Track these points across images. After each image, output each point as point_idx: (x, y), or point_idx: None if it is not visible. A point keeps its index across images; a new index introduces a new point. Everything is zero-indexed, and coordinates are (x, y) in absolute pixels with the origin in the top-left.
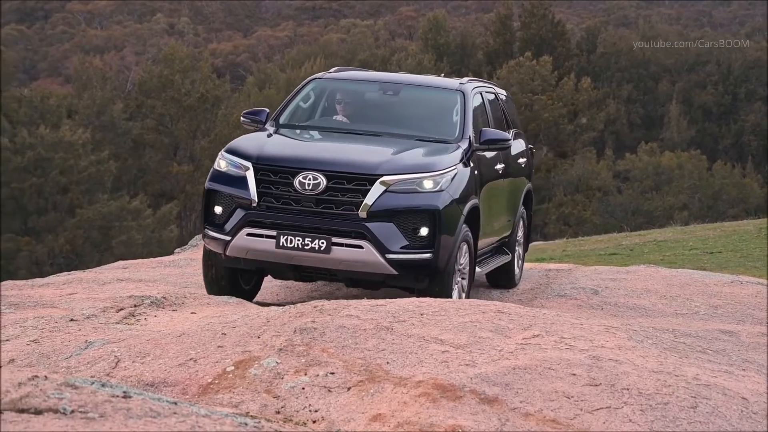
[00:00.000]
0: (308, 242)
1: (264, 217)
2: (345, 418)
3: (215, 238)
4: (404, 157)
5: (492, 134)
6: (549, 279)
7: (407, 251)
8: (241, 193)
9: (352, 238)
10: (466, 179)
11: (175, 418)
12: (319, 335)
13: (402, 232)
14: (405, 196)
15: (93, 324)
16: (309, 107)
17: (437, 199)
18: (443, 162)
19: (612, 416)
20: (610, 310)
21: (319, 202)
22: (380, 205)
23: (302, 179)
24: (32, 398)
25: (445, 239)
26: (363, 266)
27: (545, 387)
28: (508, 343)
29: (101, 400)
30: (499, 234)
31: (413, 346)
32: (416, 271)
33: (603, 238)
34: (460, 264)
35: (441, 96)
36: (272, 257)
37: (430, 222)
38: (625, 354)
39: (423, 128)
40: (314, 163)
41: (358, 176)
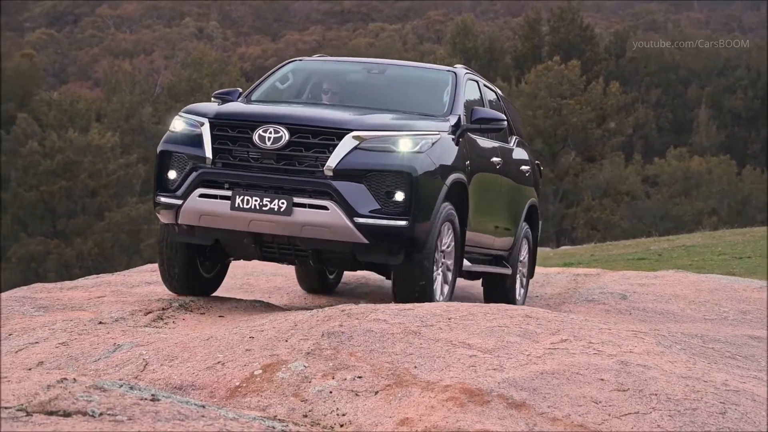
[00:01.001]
0: (267, 203)
1: (219, 176)
2: (372, 422)
3: (166, 205)
4: (379, 116)
5: (485, 113)
6: (577, 283)
7: (379, 216)
8: (195, 152)
9: (316, 197)
10: (451, 150)
11: (203, 421)
12: (346, 339)
13: (373, 195)
14: (378, 155)
15: (121, 327)
16: (286, 89)
17: (415, 161)
18: (424, 125)
19: (640, 421)
20: (638, 315)
21: (280, 159)
22: (349, 163)
23: (262, 133)
24: (61, 401)
25: (424, 208)
26: (329, 232)
27: (573, 392)
28: (536, 347)
29: (129, 403)
30: (495, 238)
31: (441, 351)
32: (390, 241)
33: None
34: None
35: (431, 76)
36: (227, 222)
37: (406, 185)
38: (653, 359)
39: (409, 106)
40: (276, 117)
41: (325, 130)
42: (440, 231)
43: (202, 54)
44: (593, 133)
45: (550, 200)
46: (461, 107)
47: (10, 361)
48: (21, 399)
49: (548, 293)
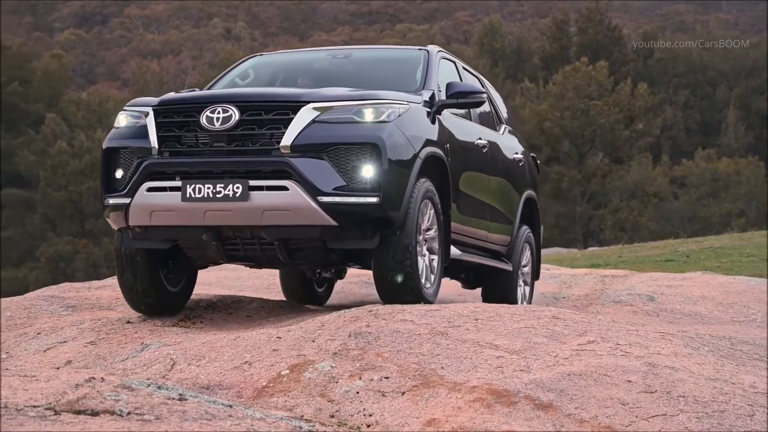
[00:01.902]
0: (221, 189)
1: (167, 165)
2: (399, 423)
3: (115, 206)
4: (338, 88)
5: (461, 86)
6: (604, 285)
7: (345, 193)
8: (140, 144)
9: (273, 178)
10: (424, 123)
11: (231, 421)
12: (373, 339)
13: (338, 171)
14: (339, 127)
15: (149, 326)
16: (247, 85)
17: (382, 131)
18: (390, 94)
19: (668, 423)
20: (666, 316)
21: (231, 140)
22: (307, 138)
23: (210, 114)
24: (89, 400)
25: (396, 182)
26: (291, 215)
27: (600, 393)
28: (563, 348)
29: (157, 402)
30: (489, 232)
31: (468, 351)
32: (361, 221)
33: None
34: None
35: (400, 56)
36: (181, 216)
37: (373, 158)
38: (681, 361)
39: (379, 85)
40: (224, 97)
41: (278, 104)
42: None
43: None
44: (621, 135)
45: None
46: (434, 83)
47: (38, 360)
48: (49, 398)
49: (575, 294)
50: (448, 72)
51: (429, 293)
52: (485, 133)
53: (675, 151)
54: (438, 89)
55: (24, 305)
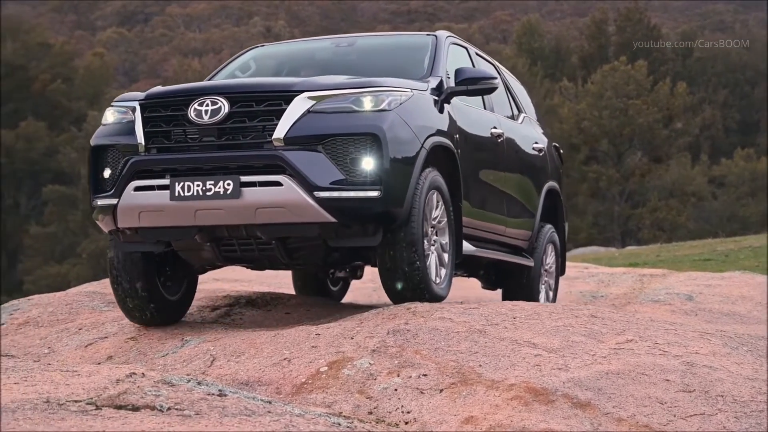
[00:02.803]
0: (211, 186)
1: (154, 163)
2: (437, 420)
3: (103, 208)
4: (335, 76)
5: (471, 72)
6: (643, 284)
7: (343, 187)
8: (127, 140)
9: (266, 173)
10: (429, 111)
11: (270, 417)
12: (412, 337)
13: (335, 164)
14: (336, 117)
15: (189, 323)
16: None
17: (382, 120)
18: (391, 81)
19: (706, 423)
20: (704, 316)
21: (222, 134)
22: (301, 129)
23: (198, 107)
24: (130, 395)
25: (399, 174)
26: (287, 213)
27: (638, 392)
28: (602, 347)
29: (197, 398)
30: (507, 226)
31: (506, 350)
32: (361, 217)
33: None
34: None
35: (407, 42)
36: (170, 216)
37: (372, 150)
38: (719, 360)
39: (387, 72)
40: (213, 89)
41: (269, 95)
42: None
43: None
44: (660, 134)
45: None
46: (443, 69)
47: (79, 356)
48: (90, 393)
49: (614, 293)
50: (459, 58)
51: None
52: (501, 122)
53: (714, 150)
54: (447, 76)
55: (66, 301)
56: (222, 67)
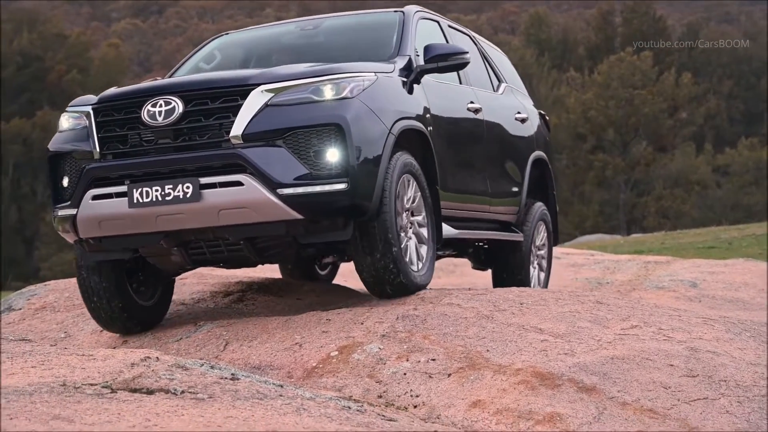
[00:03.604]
0: (170, 190)
1: (110, 169)
2: (445, 404)
3: (63, 218)
4: (293, 66)
5: (440, 48)
6: (647, 271)
7: (308, 182)
8: (82, 147)
9: (225, 173)
10: (397, 94)
11: (281, 401)
12: (420, 322)
13: (298, 158)
14: (296, 109)
15: (202, 308)
16: (214, 68)
17: (345, 109)
18: (352, 66)
19: (709, 407)
20: (708, 302)
21: (177, 135)
22: (260, 125)
23: (151, 108)
24: (144, 378)
25: (366, 163)
26: (251, 213)
27: (643, 377)
28: (607, 333)
29: (210, 382)
30: (490, 205)
31: (513, 335)
32: (329, 212)
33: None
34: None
35: (374, 20)
36: (131, 224)
37: (336, 141)
38: (722, 346)
39: (352, 57)
40: (165, 87)
41: (224, 90)
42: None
43: None
44: (665, 123)
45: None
46: (411, 47)
47: (95, 340)
48: (106, 376)
49: (619, 280)
50: (430, 33)
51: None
52: (478, 95)
53: (718, 140)
54: (416, 54)
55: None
56: (185, 60)
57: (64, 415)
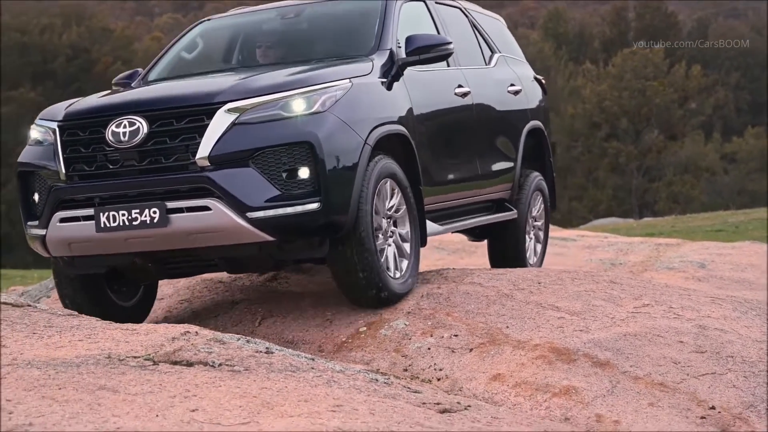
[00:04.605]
0: (136, 215)
1: (77, 191)
2: (467, 377)
3: (33, 237)
4: (261, 77)
5: (422, 39)
6: (659, 252)
7: (279, 204)
8: (49, 166)
9: (193, 197)
10: (374, 98)
11: (313, 373)
12: (444, 300)
13: (268, 179)
14: (265, 127)
15: (239, 286)
16: (195, 59)
17: (316, 125)
18: (324, 74)
19: (717, 381)
20: (716, 282)
21: (143, 156)
22: (227, 146)
23: (115, 128)
24: (184, 352)
25: (339, 181)
26: (220, 236)
27: (654, 353)
28: (620, 311)
29: (246, 355)
30: (480, 187)
31: (531, 312)
32: (303, 233)
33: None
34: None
35: (356, 8)
36: (100, 247)
37: (307, 159)
38: (730, 324)
39: (330, 48)
40: (130, 105)
41: (189, 110)
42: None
43: None
44: (675, 113)
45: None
46: (393, 39)
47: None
48: (148, 349)
49: (631, 261)
50: (416, 17)
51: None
52: (468, 76)
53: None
54: (398, 45)
55: None
56: (169, 47)
57: (109, 385)
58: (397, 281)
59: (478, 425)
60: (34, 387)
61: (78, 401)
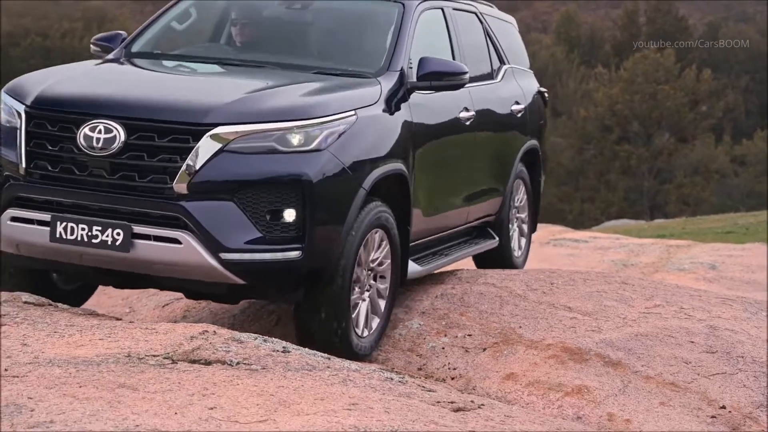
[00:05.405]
0: (98, 233)
1: (35, 191)
2: (481, 376)
3: None
4: (262, 96)
5: (438, 65)
6: (669, 254)
7: (258, 248)
8: (8, 155)
9: (162, 226)
10: (378, 134)
11: (329, 372)
12: (458, 301)
13: (250, 218)
14: (255, 160)
15: None
16: (185, 31)
17: (310, 164)
18: (330, 104)
19: (727, 381)
20: (726, 283)
21: (115, 169)
22: (212, 174)
23: (89, 132)
24: (203, 350)
25: (326, 228)
26: (187, 272)
27: (665, 353)
28: (632, 311)
29: (263, 354)
30: (470, 208)
31: (544, 313)
32: (278, 281)
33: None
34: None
35: (370, 11)
36: (52, 254)
37: (296, 200)
38: (740, 324)
39: (336, 56)
40: (109, 106)
41: (175, 126)
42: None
43: None
44: (686, 116)
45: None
46: (405, 57)
47: (157, 315)
48: (167, 348)
49: (643, 262)
50: (433, 29)
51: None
52: (474, 95)
53: (736, 131)
54: (410, 65)
55: None
56: (159, 14)
57: (129, 383)
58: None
59: (491, 424)
60: (55, 385)
61: (98, 399)
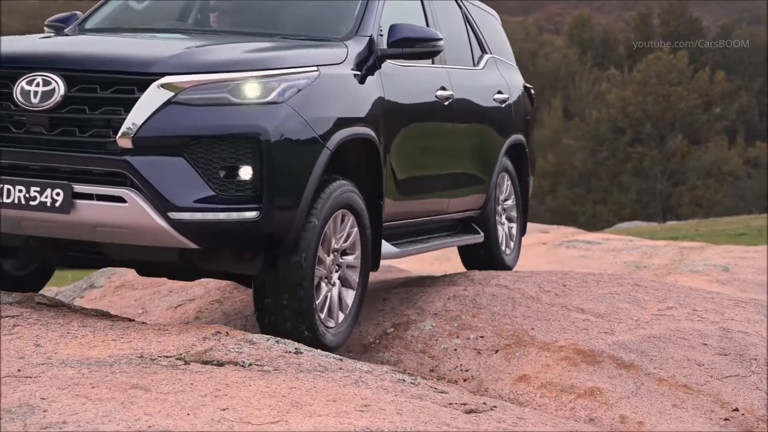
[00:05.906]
0: (36, 194)
1: None
2: (493, 378)
3: None
4: (212, 49)
5: (409, 31)
6: (682, 256)
7: (211, 207)
8: None
9: (105, 183)
10: (343, 92)
11: (341, 373)
12: (470, 302)
13: (202, 175)
14: (206, 112)
15: None
16: (146, 10)
17: (268, 118)
18: (288, 57)
19: (740, 384)
20: (739, 285)
21: (54, 125)
22: (159, 127)
23: (26, 85)
24: (215, 351)
25: (286, 188)
26: (133, 235)
27: (678, 355)
28: (644, 313)
29: (275, 355)
30: (450, 199)
31: (557, 315)
32: (234, 244)
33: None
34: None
35: None
36: None
37: (252, 156)
38: (753, 327)
39: (304, 26)
40: (49, 59)
41: (118, 77)
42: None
43: None
44: (699, 118)
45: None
46: (375, 25)
47: (170, 316)
48: (180, 349)
49: (656, 264)
50: (407, 7)
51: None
52: (452, 77)
53: (749, 133)
54: (380, 32)
55: None
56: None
57: (141, 384)
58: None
59: (503, 425)
60: (68, 386)
61: (111, 400)
